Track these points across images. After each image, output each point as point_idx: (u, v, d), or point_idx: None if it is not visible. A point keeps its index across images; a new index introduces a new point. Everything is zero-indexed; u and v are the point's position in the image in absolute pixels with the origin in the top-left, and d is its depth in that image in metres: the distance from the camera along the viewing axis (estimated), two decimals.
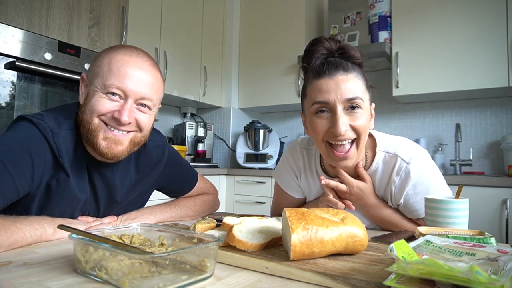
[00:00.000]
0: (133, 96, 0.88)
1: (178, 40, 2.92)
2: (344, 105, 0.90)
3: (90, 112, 0.87)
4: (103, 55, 0.91)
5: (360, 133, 0.92)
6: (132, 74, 0.87)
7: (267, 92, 3.26)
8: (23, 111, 1.80)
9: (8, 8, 1.71)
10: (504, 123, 2.60)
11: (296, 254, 0.61)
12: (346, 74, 0.90)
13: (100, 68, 0.89)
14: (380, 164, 1.01)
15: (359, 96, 0.90)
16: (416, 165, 0.97)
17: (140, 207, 1.14)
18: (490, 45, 2.31)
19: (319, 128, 0.93)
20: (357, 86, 0.91)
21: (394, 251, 0.51)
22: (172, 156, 1.15)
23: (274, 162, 3.11)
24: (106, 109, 0.86)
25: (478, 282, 0.40)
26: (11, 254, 0.69)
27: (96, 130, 0.87)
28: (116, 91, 0.86)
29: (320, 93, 0.91)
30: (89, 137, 0.88)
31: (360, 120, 0.91)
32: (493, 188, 2.03)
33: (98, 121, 0.87)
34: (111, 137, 0.88)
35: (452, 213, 0.84)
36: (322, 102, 0.91)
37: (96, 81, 0.88)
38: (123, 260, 0.52)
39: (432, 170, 1.00)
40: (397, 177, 0.98)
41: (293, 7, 3.13)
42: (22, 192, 0.83)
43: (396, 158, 0.99)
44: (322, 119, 0.93)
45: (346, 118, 0.91)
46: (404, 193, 0.99)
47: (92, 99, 0.87)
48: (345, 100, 0.90)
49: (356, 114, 0.91)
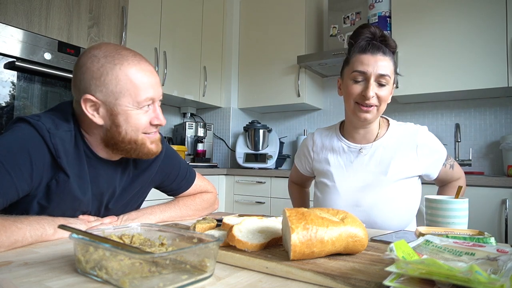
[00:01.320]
0: (157, 98, 0.95)
1: (178, 40, 2.92)
2: (376, 78, 1.13)
3: (134, 132, 0.92)
4: (111, 71, 0.87)
5: (381, 102, 1.15)
6: (152, 81, 0.92)
7: (267, 92, 3.26)
8: (22, 111, 1.80)
9: (8, 8, 1.71)
10: (503, 123, 2.60)
11: (296, 254, 0.61)
12: (384, 56, 1.14)
13: (120, 86, 0.87)
14: (395, 131, 1.26)
15: (388, 74, 1.14)
16: (425, 129, 1.25)
17: (138, 206, 1.15)
18: (490, 45, 2.31)
19: (353, 91, 1.16)
20: (389, 66, 1.14)
21: (394, 251, 0.51)
22: (170, 153, 1.16)
23: (273, 162, 3.11)
24: (146, 122, 0.93)
25: (478, 282, 0.40)
26: (11, 254, 0.69)
27: (143, 142, 0.94)
28: (148, 102, 0.92)
29: (362, 64, 1.14)
30: (138, 150, 0.94)
31: (384, 92, 1.14)
32: (492, 188, 2.04)
33: (142, 134, 0.93)
34: (155, 139, 0.97)
35: (452, 213, 0.84)
36: (361, 71, 1.14)
37: (123, 100, 0.88)
38: (123, 260, 0.52)
39: (434, 135, 1.26)
40: (415, 137, 1.21)
41: (293, 7, 3.13)
42: (22, 192, 0.83)
43: (407, 125, 1.27)
44: (358, 84, 1.16)
45: (376, 88, 1.14)
46: (426, 152, 1.21)
47: (130, 119, 0.90)
48: (379, 74, 1.12)
49: (383, 87, 1.14)
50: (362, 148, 1.24)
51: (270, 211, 2.78)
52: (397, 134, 1.24)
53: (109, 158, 0.98)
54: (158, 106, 0.96)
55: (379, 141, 1.24)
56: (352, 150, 1.26)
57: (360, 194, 1.20)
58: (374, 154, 1.23)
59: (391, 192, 1.18)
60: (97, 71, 0.87)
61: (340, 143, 1.29)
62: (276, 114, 3.62)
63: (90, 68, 0.87)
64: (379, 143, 1.23)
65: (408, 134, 1.23)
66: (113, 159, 0.99)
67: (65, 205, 0.91)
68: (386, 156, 1.21)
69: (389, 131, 1.25)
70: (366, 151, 1.24)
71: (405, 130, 1.24)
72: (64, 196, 0.89)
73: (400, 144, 1.22)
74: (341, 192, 1.23)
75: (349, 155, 1.26)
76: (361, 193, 1.20)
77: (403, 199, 1.19)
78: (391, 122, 1.29)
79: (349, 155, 1.26)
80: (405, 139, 1.22)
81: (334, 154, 1.29)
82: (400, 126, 1.27)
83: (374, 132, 1.25)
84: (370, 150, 1.23)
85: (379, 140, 1.24)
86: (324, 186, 1.29)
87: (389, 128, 1.26)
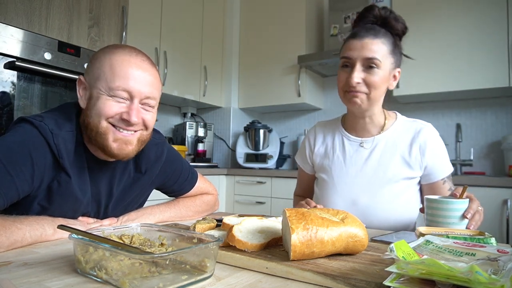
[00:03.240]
0: (139, 96, 0.89)
1: (178, 40, 2.92)
2: (363, 63, 1.07)
3: (97, 116, 0.87)
4: (101, 56, 0.90)
5: (371, 88, 1.07)
6: (135, 74, 0.88)
7: (267, 92, 3.26)
8: (23, 111, 1.80)
9: (8, 8, 1.71)
10: (504, 123, 2.60)
11: (296, 254, 0.61)
12: (374, 38, 1.07)
13: (100, 70, 0.88)
14: (401, 125, 1.19)
15: (377, 57, 1.06)
16: (433, 129, 1.18)
17: (139, 206, 1.15)
18: (491, 45, 2.31)
19: (340, 78, 1.11)
20: (380, 49, 1.07)
21: (394, 251, 0.51)
22: (172, 155, 1.15)
23: (274, 162, 3.11)
24: (114, 112, 0.87)
25: (478, 282, 0.40)
26: (11, 254, 0.69)
27: (105, 133, 0.88)
28: (122, 93, 0.87)
29: (346, 50, 1.09)
30: (98, 140, 0.89)
31: (374, 77, 1.06)
32: (493, 188, 2.03)
33: (107, 123, 0.88)
34: (121, 138, 0.89)
35: (452, 213, 0.84)
36: (346, 57, 1.09)
37: (99, 83, 0.87)
38: (123, 260, 0.52)
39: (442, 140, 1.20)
40: (420, 135, 1.14)
41: (293, 7, 3.13)
42: (23, 193, 0.83)
43: (416, 121, 1.20)
44: (344, 72, 1.10)
45: (362, 73, 1.07)
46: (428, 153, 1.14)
47: (97, 102, 0.87)
48: (364, 58, 1.06)
49: (372, 72, 1.07)
50: (363, 142, 1.20)
51: (270, 211, 2.78)
52: (401, 129, 1.18)
53: (105, 159, 0.96)
54: (143, 108, 0.91)
55: (381, 135, 1.18)
56: (352, 144, 1.21)
57: (358, 192, 1.16)
58: (375, 149, 1.17)
59: (389, 193, 1.13)
60: (92, 58, 0.92)
61: (341, 136, 1.25)
62: (276, 114, 3.62)
63: (93, 56, 0.93)
64: (381, 137, 1.18)
65: (412, 131, 1.16)
66: (109, 160, 0.97)
67: (66, 206, 0.91)
68: (387, 152, 1.16)
69: (394, 126, 1.19)
70: (367, 145, 1.19)
71: (412, 126, 1.18)
72: (65, 197, 0.89)
73: (402, 141, 1.16)
74: (338, 189, 1.19)
75: (349, 148, 1.22)
76: (359, 191, 1.16)
77: (402, 201, 1.14)
78: (399, 116, 1.22)
79: (349, 148, 1.22)
80: (408, 136, 1.16)
81: (334, 148, 1.25)
82: (407, 122, 1.20)
83: (377, 125, 1.19)
84: (372, 144, 1.18)
85: (381, 134, 1.18)
86: (322, 182, 1.25)
87: (395, 123, 1.20)
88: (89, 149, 0.94)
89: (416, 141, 1.15)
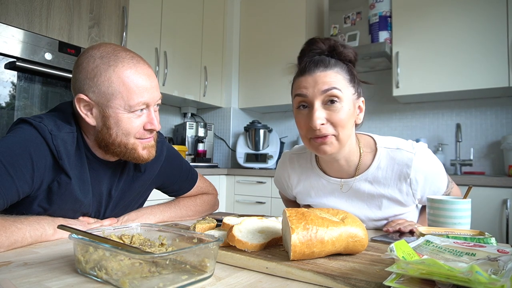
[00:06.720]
0: (153, 103, 0.92)
1: (178, 40, 2.92)
2: (322, 99, 0.90)
3: (125, 136, 0.90)
4: (104, 72, 0.86)
5: (338, 128, 0.91)
6: (147, 84, 0.90)
7: (267, 92, 3.26)
8: (23, 111, 1.80)
9: (8, 8, 1.71)
10: (504, 123, 2.60)
11: (296, 254, 0.61)
12: (326, 70, 0.91)
13: (112, 88, 0.86)
14: (384, 160, 1.01)
15: (336, 86, 0.90)
16: (422, 154, 0.99)
17: (139, 206, 1.15)
18: (490, 44, 2.31)
19: (300, 124, 0.95)
20: (336, 80, 0.91)
21: (394, 251, 0.51)
22: (172, 154, 1.16)
23: (274, 162, 3.11)
24: (138, 127, 0.91)
25: (478, 282, 0.40)
26: (11, 254, 0.69)
27: (134, 148, 0.92)
28: (141, 106, 0.89)
29: (299, 88, 0.93)
30: (127, 154, 0.92)
31: (338, 115, 0.90)
32: (493, 188, 2.03)
33: (134, 139, 0.91)
34: (147, 145, 0.94)
35: (455, 213, 0.84)
36: (301, 94, 0.92)
37: (115, 102, 0.86)
38: (123, 260, 0.52)
39: (434, 158, 1.03)
40: (408, 169, 0.98)
41: (293, 7, 3.13)
42: (23, 194, 0.83)
43: (401, 151, 1.00)
44: (302, 115, 0.94)
45: (324, 112, 0.90)
46: (421, 186, 1.00)
47: (120, 123, 0.88)
48: (321, 92, 0.90)
49: (334, 108, 0.90)
50: (343, 184, 1.04)
51: (270, 211, 2.78)
52: (385, 166, 1.00)
53: (107, 159, 0.97)
54: (155, 111, 0.93)
55: (363, 175, 1.01)
56: (332, 185, 1.06)
57: None
58: (359, 190, 1.03)
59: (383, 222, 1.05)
60: (91, 71, 0.87)
61: (318, 177, 1.09)
62: (276, 114, 3.62)
63: (85, 68, 0.87)
64: (363, 177, 1.01)
65: (399, 165, 0.99)
66: (111, 160, 0.98)
67: (66, 207, 0.91)
68: (374, 196, 1.02)
69: (376, 162, 1.00)
70: (347, 187, 1.04)
71: (396, 160, 0.99)
72: (66, 198, 0.89)
73: (388, 181, 1.00)
74: None
75: (330, 189, 1.07)
76: None
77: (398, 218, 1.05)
78: (378, 148, 1.02)
79: (330, 189, 1.07)
80: (395, 173, 0.99)
81: (314, 189, 1.10)
82: (390, 153, 1.00)
83: (353, 164, 1.02)
84: (353, 185, 1.03)
85: (363, 174, 1.01)
86: None
87: (375, 158, 1.01)
88: (90, 149, 0.95)
89: (405, 177, 0.99)
